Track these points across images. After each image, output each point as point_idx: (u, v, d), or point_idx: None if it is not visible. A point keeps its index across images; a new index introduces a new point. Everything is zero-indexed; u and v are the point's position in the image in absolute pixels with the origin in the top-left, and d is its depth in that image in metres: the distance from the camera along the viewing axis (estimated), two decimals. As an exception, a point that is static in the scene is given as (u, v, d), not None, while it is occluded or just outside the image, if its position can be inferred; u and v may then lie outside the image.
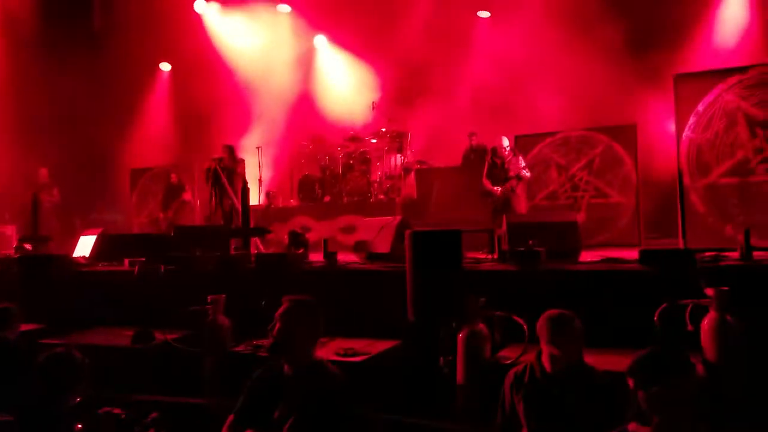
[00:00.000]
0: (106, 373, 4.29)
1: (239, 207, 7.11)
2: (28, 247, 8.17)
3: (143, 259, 6.10)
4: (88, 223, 10.52)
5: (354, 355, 3.96)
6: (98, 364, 4.36)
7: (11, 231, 10.71)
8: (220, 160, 8.40)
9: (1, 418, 2.72)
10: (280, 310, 2.96)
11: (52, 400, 2.96)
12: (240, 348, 4.45)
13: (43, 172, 10.54)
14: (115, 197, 12.59)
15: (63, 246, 8.22)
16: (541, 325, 3.09)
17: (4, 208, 11.31)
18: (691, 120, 6.52)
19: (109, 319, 5.57)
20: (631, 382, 2.46)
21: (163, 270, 5.76)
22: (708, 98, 6.46)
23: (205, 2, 12.38)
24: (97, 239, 7.54)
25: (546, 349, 3.06)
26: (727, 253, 5.00)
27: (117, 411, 2.73)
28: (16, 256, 7.19)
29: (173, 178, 10.43)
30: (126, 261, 6.31)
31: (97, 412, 2.73)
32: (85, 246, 7.62)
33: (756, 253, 4.70)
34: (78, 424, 2.84)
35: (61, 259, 6.59)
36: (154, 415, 2.77)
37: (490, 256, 5.66)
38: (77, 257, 7.34)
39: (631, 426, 2.56)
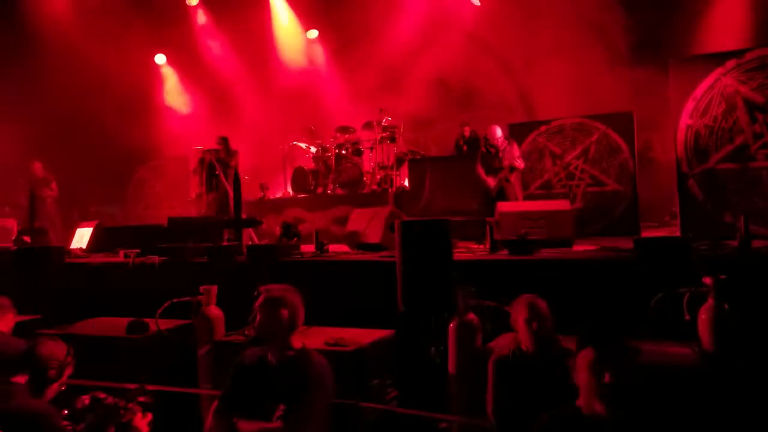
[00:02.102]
0: (99, 363, 4.31)
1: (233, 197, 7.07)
2: (27, 239, 8.21)
3: (138, 250, 6.13)
4: (88, 215, 10.53)
5: (344, 345, 3.93)
6: (92, 355, 4.39)
7: (11, 224, 10.76)
8: (216, 151, 8.37)
9: None
10: (259, 301, 2.95)
11: (38, 387, 2.98)
12: (232, 338, 4.44)
13: (38, 166, 10.39)
14: (115, 189, 12.64)
15: (66, 238, 8.26)
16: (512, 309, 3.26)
17: (4, 202, 11.37)
18: (689, 105, 6.44)
19: (104, 309, 5.56)
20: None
21: (157, 261, 5.76)
22: (705, 83, 6.36)
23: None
24: (93, 231, 7.57)
25: (518, 332, 3.24)
26: (725, 241, 4.96)
27: (102, 395, 2.74)
28: (15, 248, 7.21)
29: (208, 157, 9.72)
30: (121, 252, 6.33)
31: (82, 397, 2.74)
32: (81, 238, 7.66)
33: (755, 241, 4.64)
34: (64, 410, 2.86)
35: (57, 251, 6.59)
36: (140, 399, 2.77)
37: (482, 246, 5.61)
38: (74, 249, 7.37)
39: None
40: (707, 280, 3.45)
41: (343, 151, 9.59)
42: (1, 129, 10.96)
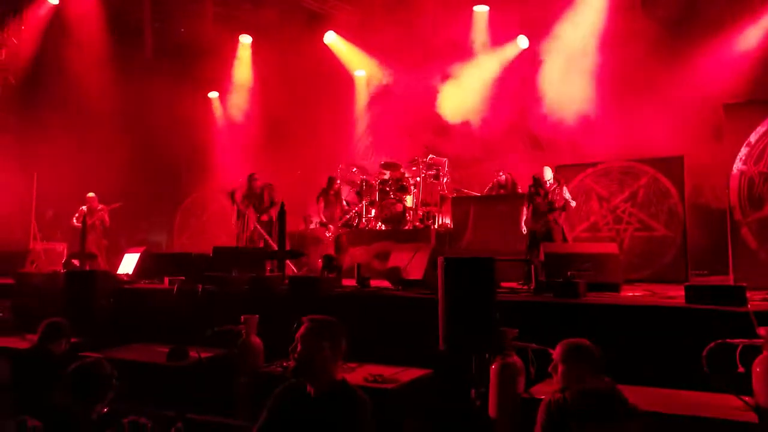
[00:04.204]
0: (139, 388, 4.36)
1: (263, 231, 7.14)
2: (76, 263, 8.42)
3: (183, 277, 6.23)
4: (135, 242, 10.81)
5: (384, 382, 3.87)
6: (133, 380, 4.44)
7: (62, 248, 11.11)
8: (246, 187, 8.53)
9: (31, 423, 2.77)
10: (301, 331, 2.91)
11: (80, 408, 3.02)
12: (271, 368, 4.43)
13: (93, 197, 10.31)
14: (162, 217, 13.02)
15: (111, 264, 8.45)
16: (555, 354, 3.09)
17: (56, 227, 11.78)
18: (743, 151, 6.29)
19: (146, 335, 5.65)
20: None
21: (200, 289, 5.85)
22: (761, 128, 6.22)
23: (248, 36, 12.85)
24: (140, 257, 7.73)
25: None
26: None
27: (143, 420, 2.75)
28: (64, 272, 7.42)
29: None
30: (166, 279, 6.44)
31: (123, 420, 2.76)
32: (129, 263, 7.82)
33: (813, 292, 4.46)
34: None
35: (105, 275, 6.75)
36: (178, 424, 2.78)
37: (526, 287, 5.52)
38: (120, 274, 7.54)
39: None
40: (762, 331, 3.32)
41: (387, 187, 9.66)
42: (57, 158, 11.44)
